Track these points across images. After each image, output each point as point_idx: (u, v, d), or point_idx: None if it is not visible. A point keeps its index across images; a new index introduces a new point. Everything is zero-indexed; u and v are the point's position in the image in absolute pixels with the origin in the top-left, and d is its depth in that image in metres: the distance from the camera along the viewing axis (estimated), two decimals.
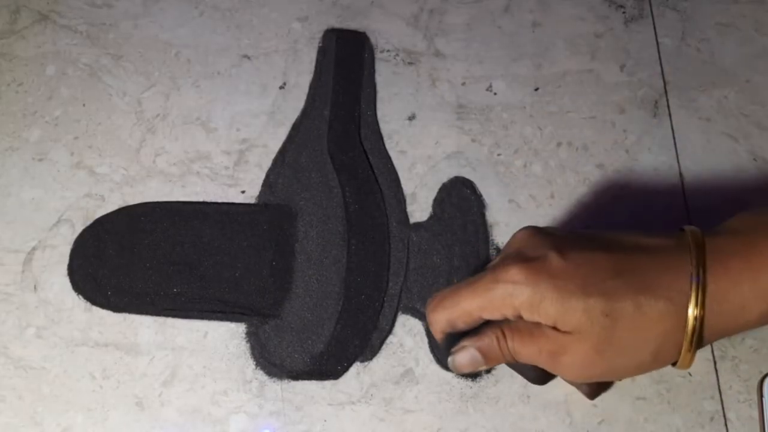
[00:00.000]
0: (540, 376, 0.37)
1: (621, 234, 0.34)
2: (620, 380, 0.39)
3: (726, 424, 0.40)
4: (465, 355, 0.35)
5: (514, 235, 0.36)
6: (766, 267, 0.31)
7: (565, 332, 0.32)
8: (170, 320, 0.42)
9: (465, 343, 0.35)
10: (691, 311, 0.31)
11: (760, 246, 0.32)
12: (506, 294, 0.32)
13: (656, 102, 0.47)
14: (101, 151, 0.46)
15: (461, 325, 0.35)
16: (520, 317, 0.33)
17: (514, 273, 0.32)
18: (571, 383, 0.38)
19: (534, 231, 0.35)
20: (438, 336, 0.36)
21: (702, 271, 0.31)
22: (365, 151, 0.46)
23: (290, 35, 0.49)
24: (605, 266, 0.32)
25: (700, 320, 0.31)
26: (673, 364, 0.34)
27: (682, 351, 0.32)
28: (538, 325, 0.33)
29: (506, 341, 0.34)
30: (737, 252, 0.32)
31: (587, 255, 0.32)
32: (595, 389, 0.38)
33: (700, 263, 0.31)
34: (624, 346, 0.32)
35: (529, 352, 0.33)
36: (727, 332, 0.33)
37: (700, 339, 0.32)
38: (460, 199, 0.45)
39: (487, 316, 0.34)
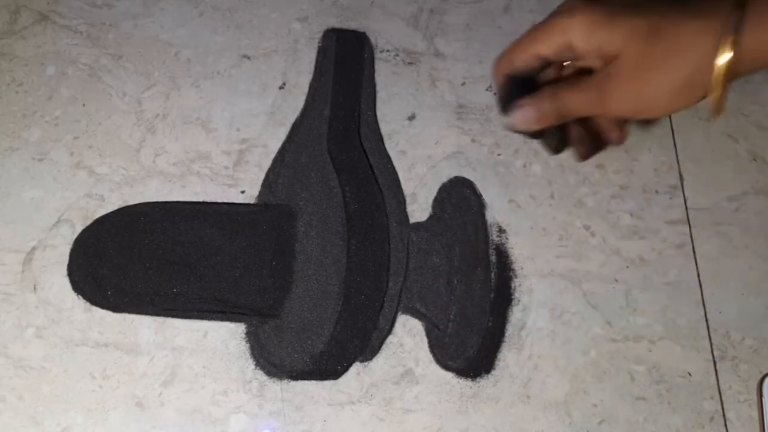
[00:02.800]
0: (558, 145, 0.39)
1: None
2: (654, 115, 0.38)
3: (726, 424, 0.40)
4: (520, 112, 0.37)
5: None
6: None
7: (611, 58, 0.34)
8: (170, 320, 0.42)
9: (520, 101, 0.37)
10: (729, 33, 0.32)
11: None
12: (562, 24, 0.35)
13: None
14: (101, 151, 0.46)
15: (518, 63, 0.37)
16: (573, 59, 0.36)
17: (570, 4, 0.35)
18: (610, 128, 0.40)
19: None
20: (498, 82, 0.38)
21: (742, 12, 0.32)
22: (365, 151, 0.46)
23: (290, 35, 0.49)
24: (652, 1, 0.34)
25: (736, 42, 0.32)
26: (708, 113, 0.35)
27: (714, 72, 0.33)
28: (587, 72, 0.36)
29: (558, 95, 0.36)
30: None
31: None
32: (622, 132, 0.40)
33: (742, 3, 0.32)
34: (662, 64, 0.33)
35: (578, 96, 0.36)
36: (760, 65, 0.33)
37: (735, 66, 0.32)
38: (460, 199, 0.45)
39: (544, 50, 0.36)
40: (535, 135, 0.39)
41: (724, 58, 0.32)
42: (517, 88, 0.37)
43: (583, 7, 0.35)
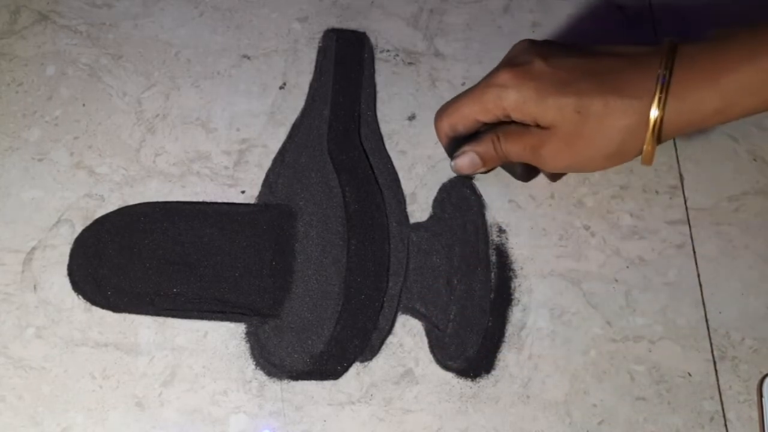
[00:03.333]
0: (524, 173, 0.43)
1: (607, 45, 0.38)
2: (592, 171, 0.44)
3: (726, 425, 0.40)
4: (465, 158, 0.41)
5: (513, 46, 0.40)
6: (729, 69, 0.34)
7: (544, 128, 0.37)
8: (170, 320, 0.42)
9: (465, 148, 0.41)
10: (653, 111, 0.34)
11: (728, 52, 0.34)
12: (496, 96, 0.37)
13: None
14: (101, 151, 0.46)
15: (461, 128, 0.40)
16: (509, 119, 0.38)
17: (503, 77, 0.37)
18: (548, 175, 0.44)
19: (526, 42, 0.39)
20: (443, 141, 0.42)
21: (669, 73, 0.34)
22: (365, 151, 0.46)
23: (290, 35, 0.49)
24: (582, 69, 0.36)
25: (661, 118, 0.35)
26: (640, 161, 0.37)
27: (645, 144, 0.36)
28: (525, 126, 0.38)
29: (500, 143, 0.39)
30: (704, 56, 0.35)
31: (567, 60, 0.37)
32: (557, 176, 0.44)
33: (668, 66, 0.34)
34: (592, 138, 0.36)
35: (517, 149, 0.39)
36: (686, 129, 0.36)
37: (660, 133, 0.35)
38: (460, 199, 0.45)
39: (482, 117, 0.39)
40: (486, 172, 0.43)
41: (650, 130, 0.35)
42: (461, 138, 0.41)
43: (515, 83, 0.37)
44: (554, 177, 0.44)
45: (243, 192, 0.45)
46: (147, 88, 0.48)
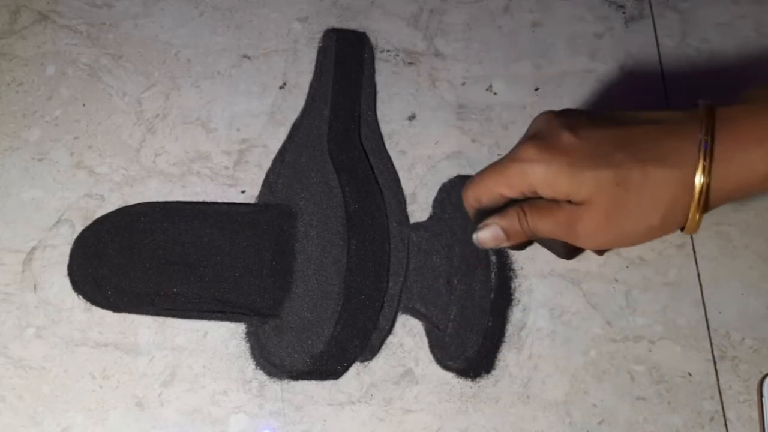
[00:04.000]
0: (568, 251, 0.39)
1: (636, 111, 0.35)
2: (632, 245, 0.39)
3: (726, 424, 0.40)
4: (488, 231, 0.37)
5: (534, 119, 0.37)
6: None
7: (578, 203, 0.34)
8: (170, 320, 0.42)
9: (489, 220, 0.37)
10: (698, 178, 0.32)
11: None
12: (522, 171, 0.35)
13: (656, 102, 0.47)
14: (101, 151, 0.46)
15: (485, 201, 0.37)
16: (536, 195, 0.35)
17: (530, 152, 0.34)
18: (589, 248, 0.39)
19: (551, 114, 0.36)
20: (470, 212, 0.39)
21: (710, 138, 0.32)
22: (365, 151, 0.46)
23: (290, 35, 0.49)
24: (615, 139, 0.34)
25: (707, 185, 0.32)
26: (682, 230, 0.35)
27: (690, 214, 0.33)
28: (555, 201, 0.35)
29: (526, 218, 0.36)
30: (747, 119, 0.32)
31: (598, 131, 0.34)
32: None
33: (708, 131, 0.32)
34: (633, 211, 0.33)
35: (546, 225, 0.36)
36: (734, 195, 0.33)
37: (707, 202, 0.33)
38: (460, 199, 0.45)
39: (507, 193, 0.36)
40: (519, 247, 0.40)
41: (696, 199, 0.33)
42: (487, 211, 0.38)
43: (542, 157, 0.34)
44: (600, 252, 0.41)
45: (243, 192, 0.45)
46: (147, 88, 0.48)
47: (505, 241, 0.37)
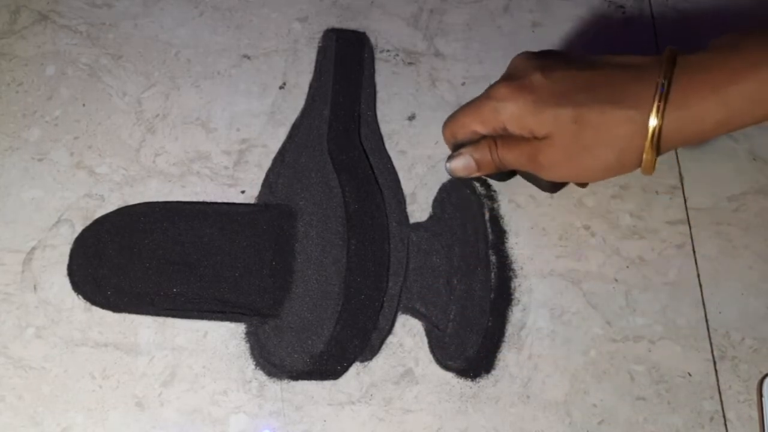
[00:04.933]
0: (550, 184, 0.42)
1: (608, 55, 0.38)
2: (592, 181, 0.43)
3: (726, 424, 0.40)
4: (460, 160, 0.41)
5: (513, 59, 0.40)
6: (730, 81, 0.33)
7: (541, 138, 0.37)
8: (170, 320, 0.42)
9: (461, 150, 0.41)
10: (652, 120, 0.34)
11: (732, 61, 0.33)
12: (494, 109, 0.38)
13: None
14: (101, 151, 0.46)
15: (461, 137, 0.41)
16: (507, 132, 0.38)
17: (502, 91, 0.38)
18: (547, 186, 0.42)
19: (526, 55, 0.39)
20: (449, 146, 0.43)
21: (668, 82, 0.34)
22: (365, 151, 0.46)
23: (290, 35, 0.49)
24: (581, 81, 0.36)
25: (660, 127, 0.34)
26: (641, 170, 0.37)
27: (644, 155, 0.35)
28: (523, 137, 0.38)
29: (496, 148, 0.39)
30: (706, 66, 0.34)
31: (566, 72, 0.37)
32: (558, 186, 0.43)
33: (667, 75, 0.34)
34: (590, 148, 0.36)
35: (513, 156, 0.39)
36: (689, 139, 0.35)
37: (659, 144, 0.35)
38: (460, 199, 0.45)
39: (479, 129, 0.39)
40: (499, 177, 0.44)
41: (650, 140, 0.34)
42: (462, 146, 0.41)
43: (513, 96, 0.37)
44: (555, 188, 0.44)
45: (243, 192, 0.45)
46: (147, 88, 0.48)
47: (475, 170, 0.41)
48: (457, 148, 0.41)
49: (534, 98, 0.36)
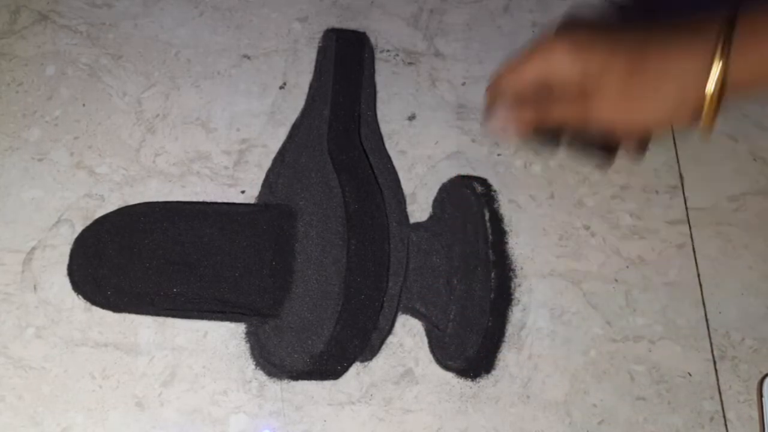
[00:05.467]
0: (603, 152, 0.37)
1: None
2: (646, 128, 0.35)
3: (726, 424, 0.40)
4: (502, 112, 0.36)
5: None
6: None
7: (595, 75, 0.33)
8: (170, 320, 0.42)
9: (505, 107, 0.37)
10: (717, 58, 0.31)
11: None
12: (547, 45, 0.34)
13: None
14: (101, 151, 0.46)
15: (507, 86, 0.36)
16: (555, 75, 0.34)
17: (557, 33, 0.35)
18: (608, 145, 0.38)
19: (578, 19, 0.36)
20: (489, 100, 0.38)
21: (731, 27, 0.31)
22: (365, 151, 0.46)
23: (290, 35, 0.49)
24: (638, 24, 0.33)
25: (724, 70, 0.31)
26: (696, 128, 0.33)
27: (706, 100, 0.32)
28: (571, 91, 0.34)
29: (543, 101, 0.35)
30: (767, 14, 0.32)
31: (622, 21, 0.34)
32: (637, 147, 0.38)
33: (730, 21, 0.31)
34: (651, 77, 0.32)
35: (562, 105, 0.35)
36: (751, 86, 0.33)
37: (724, 91, 0.31)
38: (460, 199, 0.45)
39: (528, 73, 0.35)
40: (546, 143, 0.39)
41: (713, 83, 0.31)
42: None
43: (565, 33, 0.35)
44: (607, 154, 0.39)
45: (243, 192, 0.45)
46: (147, 88, 0.48)
47: (517, 126, 0.36)
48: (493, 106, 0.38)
49: (588, 32, 0.34)
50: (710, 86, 0.32)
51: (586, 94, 0.34)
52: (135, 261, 0.43)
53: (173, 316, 0.42)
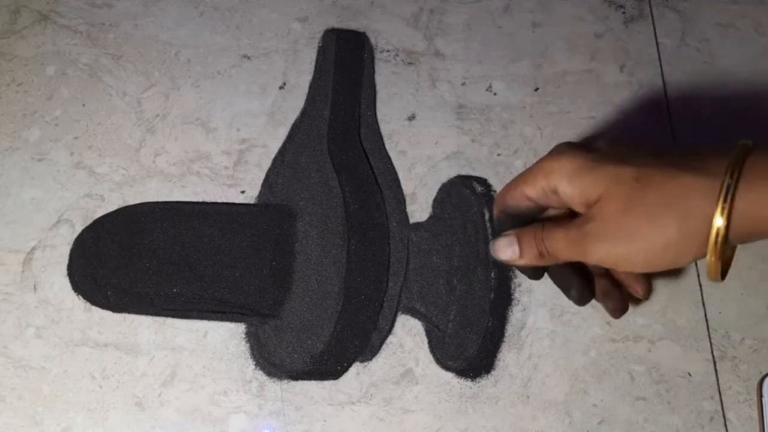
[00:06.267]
0: (579, 290, 0.38)
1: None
2: (642, 267, 0.33)
3: (726, 424, 0.40)
4: (503, 240, 0.37)
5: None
6: None
7: (594, 202, 0.33)
8: (170, 320, 0.42)
9: (508, 232, 0.37)
10: (721, 199, 0.30)
11: None
12: (547, 168, 0.34)
13: (655, 102, 0.47)
14: (101, 151, 0.46)
15: (510, 202, 0.37)
16: (557, 194, 0.34)
17: (561, 148, 0.35)
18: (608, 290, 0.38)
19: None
20: (496, 215, 0.39)
21: (739, 166, 0.30)
22: (365, 151, 0.46)
23: (290, 35, 0.49)
24: (647, 149, 0.33)
25: (732, 209, 0.30)
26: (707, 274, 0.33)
27: (710, 243, 0.30)
28: (572, 215, 0.35)
29: (542, 232, 0.35)
30: None
31: (634, 145, 0.34)
32: (645, 285, 0.38)
33: (739, 159, 0.30)
34: (651, 212, 0.31)
35: (559, 235, 0.34)
36: (754, 230, 0.31)
37: (728, 232, 0.30)
38: (460, 199, 0.45)
39: (529, 191, 0.35)
40: (537, 275, 0.39)
41: (718, 223, 0.30)
42: (510, 223, 0.38)
43: (569, 152, 0.34)
44: (583, 295, 0.38)
45: (243, 192, 0.45)
46: (147, 88, 0.48)
47: (517, 255, 0.37)
48: (502, 222, 0.38)
49: (593, 156, 0.33)
50: (716, 223, 0.30)
51: (584, 220, 0.33)
52: (135, 261, 0.43)
53: (173, 316, 0.42)
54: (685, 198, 0.31)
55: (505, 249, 0.37)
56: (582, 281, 0.38)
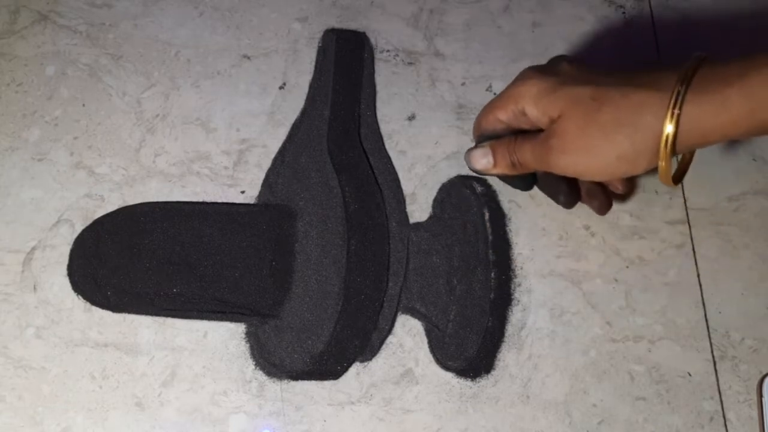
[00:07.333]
0: (566, 195, 0.41)
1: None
2: (601, 176, 0.38)
3: (725, 424, 0.40)
4: (478, 151, 0.40)
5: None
6: (737, 96, 0.32)
7: (557, 118, 0.36)
8: (170, 320, 0.42)
9: (483, 143, 0.40)
10: (670, 113, 0.33)
11: (755, 58, 0.33)
12: (516, 93, 0.38)
13: None
14: (101, 151, 0.46)
15: (485, 125, 0.40)
16: (526, 116, 0.38)
17: (527, 73, 0.38)
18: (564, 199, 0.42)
19: (557, 56, 0.40)
20: (475, 139, 0.42)
21: (691, 72, 0.33)
22: (365, 151, 0.46)
23: (290, 35, 0.49)
24: (605, 71, 0.36)
25: (679, 119, 0.33)
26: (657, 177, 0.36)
27: (660, 150, 0.34)
28: (540, 130, 0.38)
29: (514, 143, 0.39)
30: (732, 62, 0.33)
31: (594, 67, 0.37)
32: (624, 183, 0.42)
33: (692, 66, 0.33)
34: (605, 128, 0.34)
35: (528, 147, 0.38)
36: (702, 140, 0.34)
37: (676, 140, 0.33)
38: (459, 199, 0.45)
39: (501, 115, 0.39)
40: (527, 186, 0.43)
41: (668, 130, 0.33)
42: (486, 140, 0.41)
43: (535, 76, 0.37)
44: (570, 197, 0.42)
45: (243, 192, 0.45)
46: (147, 88, 0.48)
47: (492, 165, 0.40)
48: (479, 140, 0.41)
49: (556, 79, 0.36)
50: (666, 132, 0.33)
51: (548, 135, 0.37)
52: (135, 261, 0.43)
53: (173, 316, 0.42)
54: (638, 114, 0.34)
55: (480, 159, 0.40)
56: (568, 187, 0.41)
